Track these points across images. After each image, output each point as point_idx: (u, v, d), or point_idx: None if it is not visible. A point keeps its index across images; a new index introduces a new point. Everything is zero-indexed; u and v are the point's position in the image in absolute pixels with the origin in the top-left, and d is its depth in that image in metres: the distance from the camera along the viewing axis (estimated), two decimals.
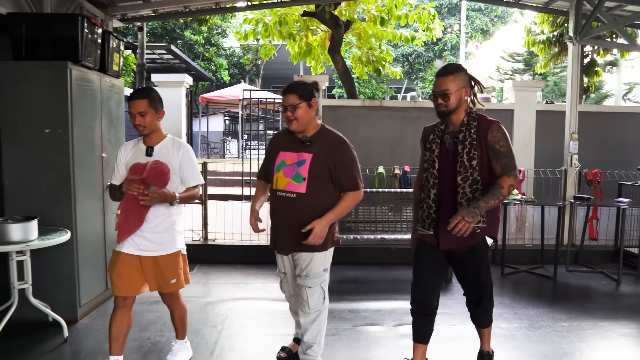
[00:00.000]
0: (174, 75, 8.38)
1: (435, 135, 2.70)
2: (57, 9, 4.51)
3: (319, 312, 2.79)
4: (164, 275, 2.81)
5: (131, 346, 3.29)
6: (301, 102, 2.66)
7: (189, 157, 2.85)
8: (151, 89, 2.85)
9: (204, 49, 20.62)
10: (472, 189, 2.55)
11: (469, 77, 2.65)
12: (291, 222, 2.71)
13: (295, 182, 2.70)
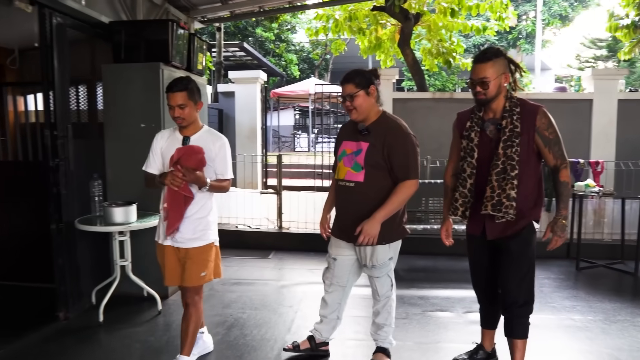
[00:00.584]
0: (249, 72, 8.75)
1: (473, 123, 2.57)
2: (147, 15, 4.94)
3: (388, 298, 2.87)
4: (194, 268, 2.73)
5: (216, 321, 3.62)
6: (358, 90, 2.63)
7: (225, 151, 2.79)
8: (189, 79, 2.76)
9: (274, 45, 21.18)
10: (498, 178, 2.45)
11: (509, 62, 2.52)
12: (352, 212, 2.73)
13: (354, 171, 2.71)
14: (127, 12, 4.58)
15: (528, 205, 2.52)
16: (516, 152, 2.43)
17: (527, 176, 2.48)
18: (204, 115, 4.84)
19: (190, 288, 2.77)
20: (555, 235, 2.50)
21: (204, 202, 2.74)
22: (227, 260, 5.30)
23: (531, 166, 2.50)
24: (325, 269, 3.01)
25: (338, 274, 2.92)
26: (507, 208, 2.43)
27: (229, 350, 3.15)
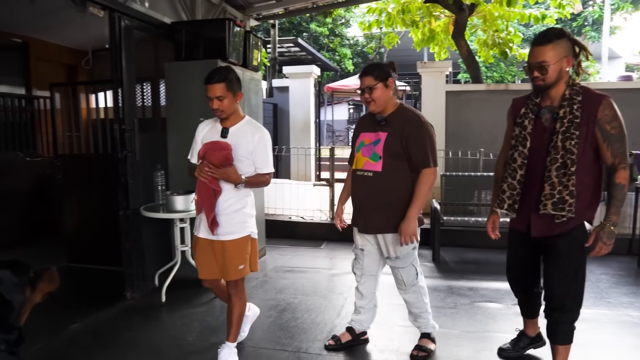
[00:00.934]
0: (303, 67, 8.94)
1: (528, 110, 2.40)
2: (206, 14, 5.20)
3: (415, 286, 2.89)
4: (232, 261, 2.69)
5: (269, 304, 3.81)
6: (377, 83, 2.69)
7: (264, 143, 2.71)
8: (228, 69, 2.67)
9: (328, 40, 21.30)
10: (558, 173, 2.25)
11: (573, 43, 2.30)
12: (371, 201, 2.78)
13: (372, 160, 2.76)
14: (187, 12, 4.84)
15: (581, 205, 2.29)
16: (575, 145, 2.22)
17: (582, 172, 2.26)
18: (259, 110, 5.04)
19: (231, 282, 2.76)
20: (600, 242, 2.26)
21: (240, 195, 2.70)
22: (281, 249, 5.52)
23: (587, 162, 2.28)
24: (354, 260, 3.07)
25: (367, 264, 2.98)
26: (569, 206, 2.24)
27: (280, 332, 3.32)
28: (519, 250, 2.62)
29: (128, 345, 3.11)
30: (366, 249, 2.95)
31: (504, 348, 2.92)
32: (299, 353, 3.00)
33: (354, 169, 2.89)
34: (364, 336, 3.14)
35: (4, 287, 1.63)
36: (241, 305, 2.82)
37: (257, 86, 5.01)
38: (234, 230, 2.69)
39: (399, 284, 2.93)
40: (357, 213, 2.92)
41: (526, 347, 2.90)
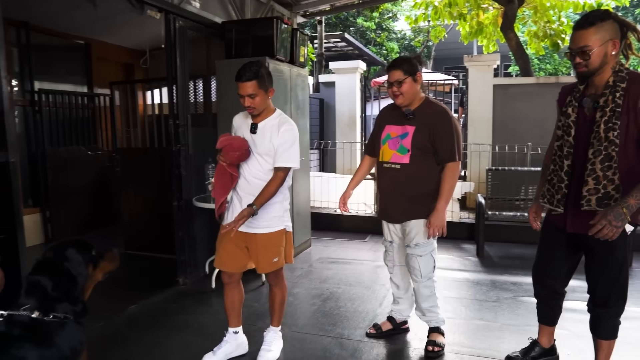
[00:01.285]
0: (349, 62, 9.00)
1: (572, 98, 2.28)
2: (255, 13, 5.37)
3: (430, 279, 2.92)
4: (266, 254, 2.70)
5: (313, 293, 3.95)
6: (406, 77, 2.71)
7: (285, 137, 2.60)
8: (259, 65, 2.57)
9: (375, 34, 21.22)
10: (603, 166, 2.10)
11: (620, 24, 2.11)
12: (398, 192, 2.85)
13: (400, 153, 2.81)
14: (237, 12, 5.02)
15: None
16: (618, 135, 2.08)
17: (622, 166, 2.11)
18: (305, 106, 5.18)
19: (270, 274, 2.80)
20: (604, 218, 2.03)
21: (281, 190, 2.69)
22: (325, 241, 5.65)
23: (627, 154, 2.12)
24: (384, 252, 3.14)
25: (398, 255, 3.06)
26: (613, 199, 2.10)
27: (323, 319, 3.45)
28: (552, 245, 2.49)
29: (180, 326, 3.32)
30: (395, 241, 3.03)
31: (512, 356, 2.76)
32: (341, 339, 3.12)
33: (380, 161, 2.93)
34: (404, 325, 3.21)
35: (70, 263, 1.82)
36: (282, 293, 2.89)
37: (303, 82, 5.15)
38: (270, 224, 2.68)
39: (414, 275, 2.93)
40: (385, 204, 2.98)
41: (538, 359, 2.72)
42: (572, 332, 3.08)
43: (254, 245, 2.71)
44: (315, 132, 8.35)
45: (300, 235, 5.16)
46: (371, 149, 3.07)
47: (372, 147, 3.05)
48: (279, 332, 2.96)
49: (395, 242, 3.04)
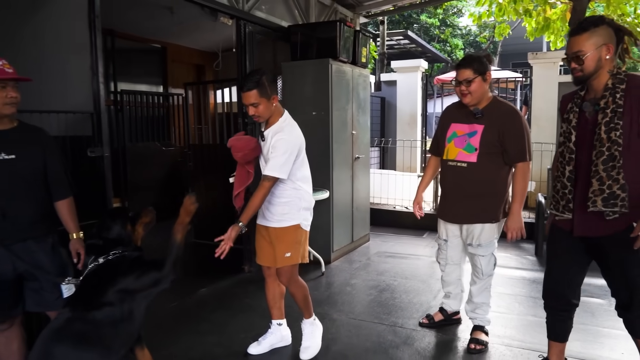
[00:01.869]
0: (410, 61, 9.07)
1: (573, 103, 2.28)
2: (319, 15, 5.59)
3: (490, 277, 2.98)
4: (280, 247, 2.73)
5: (370, 284, 4.12)
6: (476, 76, 2.71)
7: (276, 145, 2.59)
8: (260, 74, 2.58)
9: (439, 30, 20.94)
10: (606, 167, 2.09)
11: (616, 30, 2.13)
12: (462, 191, 2.86)
13: (467, 152, 2.79)
14: (302, 15, 5.27)
15: (630, 202, 2.09)
16: (620, 135, 2.07)
17: (627, 166, 2.09)
18: (366, 105, 5.34)
19: (279, 270, 2.78)
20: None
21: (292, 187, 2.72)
22: (384, 236, 5.80)
23: (632, 154, 2.09)
24: (438, 250, 3.19)
25: (451, 254, 3.09)
26: (622, 201, 2.08)
27: (379, 308, 3.62)
28: (560, 252, 2.40)
29: (244, 309, 3.60)
30: (450, 240, 3.06)
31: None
32: (395, 327, 3.28)
33: (444, 159, 2.94)
34: (456, 316, 3.30)
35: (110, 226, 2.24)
36: (300, 290, 2.86)
37: (365, 81, 5.32)
38: (282, 218, 2.72)
39: (476, 273, 3.00)
40: (446, 203, 3.02)
41: None
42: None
43: (273, 238, 2.78)
44: (376, 130, 8.48)
45: (359, 229, 5.34)
46: (436, 148, 3.09)
47: (437, 147, 3.07)
48: (315, 321, 2.98)
49: (450, 241, 3.07)
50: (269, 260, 2.84)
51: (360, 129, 5.21)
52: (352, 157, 5.04)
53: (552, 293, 2.45)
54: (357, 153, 5.14)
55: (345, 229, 5.05)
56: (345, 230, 5.04)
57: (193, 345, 3.04)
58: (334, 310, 3.58)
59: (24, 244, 2.19)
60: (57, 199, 2.35)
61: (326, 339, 3.06)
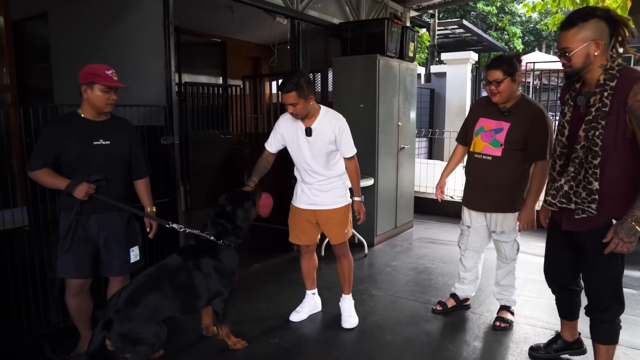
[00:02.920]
0: (460, 53, 9.13)
1: (569, 96, 2.26)
2: (370, 11, 5.86)
3: (514, 260, 3.20)
4: (338, 226, 3.09)
5: (410, 266, 4.42)
6: (505, 77, 2.83)
7: (345, 130, 2.95)
8: (299, 76, 2.83)
9: (497, 18, 20.51)
10: (574, 166, 2.14)
11: (609, 22, 2.05)
12: (486, 182, 3.05)
13: (492, 146, 2.97)
14: (353, 12, 5.56)
15: (611, 201, 2.10)
16: (600, 135, 2.04)
17: (611, 166, 2.07)
18: (412, 97, 5.58)
19: (340, 246, 3.16)
20: (616, 237, 2.03)
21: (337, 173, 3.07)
22: (427, 224, 6.06)
23: (618, 153, 2.07)
24: (460, 235, 3.39)
25: (472, 240, 3.29)
26: (589, 202, 2.10)
27: (415, 287, 3.93)
28: (554, 243, 2.52)
29: (293, 283, 3.98)
30: (472, 227, 3.26)
31: (534, 347, 2.87)
32: (428, 304, 3.58)
33: (471, 151, 3.12)
34: (466, 302, 3.51)
35: (245, 212, 2.81)
36: (349, 263, 3.24)
37: (412, 75, 5.55)
38: (337, 200, 3.08)
39: (500, 257, 3.23)
40: (471, 192, 3.20)
41: (560, 351, 2.80)
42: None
43: (324, 220, 3.11)
44: (425, 120, 8.66)
45: (402, 216, 5.63)
46: (464, 138, 3.27)
47: (465, 137, 3.26)
48: (352, 299, 3.32)
49: (472, 227, 3.27)
50: (310, 239, 3.25)
51: (406, 120, 5.46)
52: (397, 147, 5.31)
53: (551, 279, 2.62)
54: (402, 143, 5.40)
55: (389, 215, 5.35)
56: (389, 216, 5.34)
57: (247, 311, 3.47)
58: (374, 287, 3.92)
59: (109, 214, 2.64)
60: (137, 178, 2.81)
61: (364, 311, 3.42)
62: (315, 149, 2.99)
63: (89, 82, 2.49)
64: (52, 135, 2.50)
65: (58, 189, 2.52)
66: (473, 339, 3.06)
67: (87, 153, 2.54)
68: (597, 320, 2.32)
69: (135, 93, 3.57)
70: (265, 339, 3.06)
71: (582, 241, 2.27)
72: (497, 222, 3.14)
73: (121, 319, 2.37)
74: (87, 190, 2.47)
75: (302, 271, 3.37)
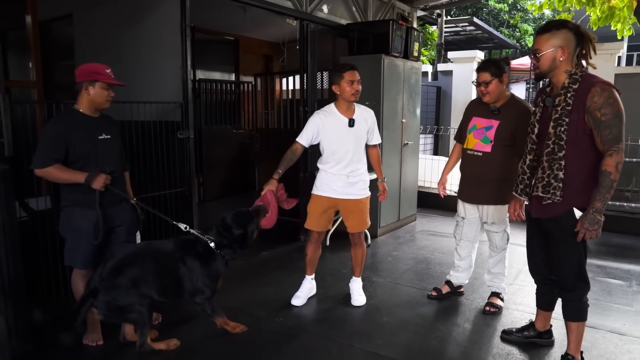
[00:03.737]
0: (466, 52, 9.31)
1: (540, 99, 2.54)
2: (377, 12, 6.07)
3: (505, 250, 3.44)
4: (362, 215, 3.42)
5: (410, 256, 4.66)
6: (493, 78, 3.10)
7: (375, 121, 3.47)
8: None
9: (509, 15, 20.51)
10: (548, 158, 2.40)
11: (577, 35, 2.34)
12: (478, 176, 3.30)
13: (483, 143, 3.23)
14: (361, 13, 5.77)
15: (571, 191, 2.36)
16: (564, 131, 2.32)
17: (572, 159, 2.34)
18: (417, 96, 5.79)
19: (359, 234, 3.51)
20: (582, 227, 2.30)
21: (364, 165, 3.44)
22: (430, 217, 6.29)
23: (579, 148, 2.33)
24: (455, 226, 3.63)
25: (466, 230, 3.53)
26: (554, 189, 2.37)
27: (413, 275, 4.18)
28: (531, 234, 2.76)
29: (299, 270, 4.20)
30: (467, 218, 3.50)
31: (506, 330, 3.08)
32: (424, 291, 3.82)
33: (464, 148, 3.38)
34: (460, 289, 3.75)
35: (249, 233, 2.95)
36: (363, 250, 3.59)
37: (416, 74, 5.76)
38: (365, 191, 3.43)
39: (492, 247, 3.49)
40: (465, 186, 3.45)
41: (530, 338, 2.98)
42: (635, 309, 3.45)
43: (354, 209, 3.40)
44: (431, 117, 8.86)
45: (406, 209, 5.86)
46: (460, 136, 3.52)
47: (461, 135, 3.49)
48: (361, 281, 3.68)
49: (466, 219, 3.51)
50: (326, 227, 3.54)
51: (410, 117, 5.68)
52: (401, 143, 5.54)
53: (532, 269, 2.83)
54: (406, 139, 5.63)
55: (393, 208, 5.58)
56: (392, 209, 5.57)
57: (255, 294, 3.74)
58: (375, 275, 4.17)
59: (119, 205, 2.87)
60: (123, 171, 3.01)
61: (365, 296, 3.67)
62: (358, 137, 3.35)
63: (91, 79, 2.66)
64: (61, 131, 2.60)
65: (73, 182, 2.63)
66: (464, 322, 3.30)
67: (95, 147, 2.72)
68: (566, 299, 2.57)
69: (153, 90, 3.86)
70: (272, 318, 3.33)
71: (548, 229, 2.51)
72: (488, 213, 3.37)
73: (105, 287, 2.58)
74: (105, 181, 2.65)
75: (308, 257, 3.61)
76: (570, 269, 2.49)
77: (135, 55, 4.11)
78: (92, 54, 4.73)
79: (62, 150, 2.61)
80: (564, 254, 2.48)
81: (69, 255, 2.81)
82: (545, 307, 2.91)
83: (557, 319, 2.90)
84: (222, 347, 2.94)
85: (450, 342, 3.03)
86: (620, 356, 2.87)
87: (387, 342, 3.01)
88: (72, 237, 2.79)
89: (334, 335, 3.10)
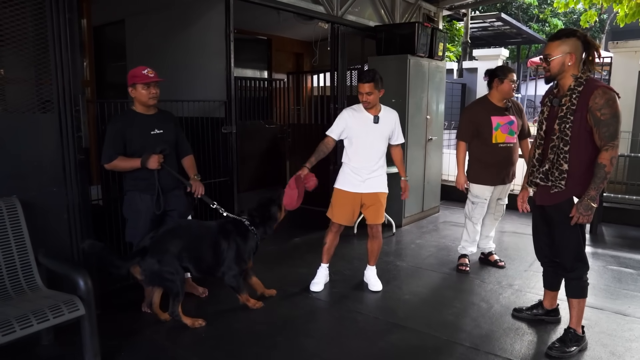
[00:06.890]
0: (491, 50, 9.54)
1: (548, 99, 2.82)
2: (404, 13, 6.37)
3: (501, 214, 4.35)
4: (381, 209, 3.66)
5: (432, 244, 4.98)
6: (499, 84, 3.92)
7: (399, 121, 3.69)
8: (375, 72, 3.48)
9: (538, 10, 20.36)
10: (553, 153, 2.69)
11: (585, 43, 2.62)
12: (507, 162, 4.04)
13: (510, 135, 3.97)
14: (388, 15, 6.09)
15: (572, 181, 2.66)
16: (569, 128, 2.60)
17: (576, 152, 2.62)
18: (441, 93, 6.08)
19: (378, 227, 3.71)
20: (577, 212, 2.60)
21: (383, 161, 3.67)
22: (452, 209, 6.60)
23: (581, 144, 2.62)
24: (473, 209, 4.18)
25: (478, 211, 4.18)
26: (559, 179, 2.67)
27: (434, 261, 4.53)
28: (536, 222, 3.05)
29: None
30: (480, 201, 4.13)
31: (517, 309, 3.37)
32: (444, 274, 4.17)
33: (494, 143, 3.95)
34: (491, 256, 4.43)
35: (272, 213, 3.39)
36: (380, 243, 3.80)
37: (440, 73, 6.06)
38: (384, 185, 3.69)
39: (496, 217, 4.35)
40: (494, 172, 4.03)
41: (539, 316, 3.28)
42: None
43: (373, 202, 3.63)
44: (456, 114, 9.08)
45: (429, 201, 6.17)
46: (469, 136, 4.03)
47: (471, 135, 4.02)
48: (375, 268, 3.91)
49: (480, 201, 4.15)
50: (352, 221, 3.78)
51: (434, 114, 5.98)
52: (425, 138, 5.85)
53: (538, 252, 3.13)
54: (430, 135, 5.93)
55: (417, 200, 5.91)
56: (416, 201, 5.90)
57: (289, 274, 4.15)
58: (398, 260, 4.53)
59: (173, 191, 3.29)
60: (184, 156, 3.41)
61: (388, 277, 4.05)
62: (381, 134, 3.59)
63: (131, 83, 3.05)
64: (118, 128, 3.02)
65: (134, 168, 3.05)
66: (479, 301, 3.63)
67: (149, 140, 3.11)
68: (568, 278, 2.88)
69: (198, 89, 4.28)
70: (305, 294, 3.74)
71: (551, 215, 2.82)
72: (504, 190, 4.21)
73: (154, 248, 2.94)
74: (158, 160, 3.05)
75: (326, 246, 3.84)
76: (570, 251, 2.78)
77: (182, 57, 4.54)
78: (142, 56, 5.19)
79: (121, 145, 3.05)
80: (565, 238, 2.77)
81: (130, 232, 3.25)
82: (551, 287, 3.21)
83: (564, 299, 3.20)
84: (260, 316, 3.35)
85: (466, 317, 3.36)
86: (621, 333, 3.15)
87: (408, 315, 3.37)
88: (133, 217, 3.23)
89: (361, 309, 3.48)
